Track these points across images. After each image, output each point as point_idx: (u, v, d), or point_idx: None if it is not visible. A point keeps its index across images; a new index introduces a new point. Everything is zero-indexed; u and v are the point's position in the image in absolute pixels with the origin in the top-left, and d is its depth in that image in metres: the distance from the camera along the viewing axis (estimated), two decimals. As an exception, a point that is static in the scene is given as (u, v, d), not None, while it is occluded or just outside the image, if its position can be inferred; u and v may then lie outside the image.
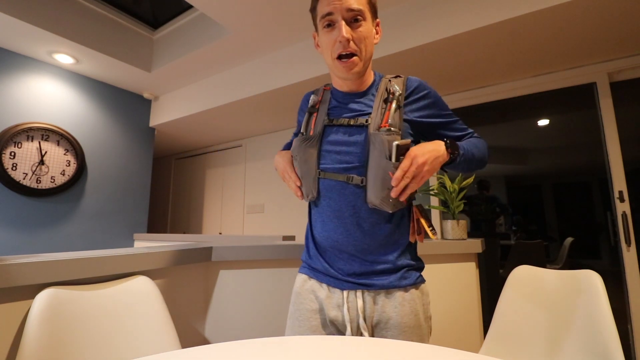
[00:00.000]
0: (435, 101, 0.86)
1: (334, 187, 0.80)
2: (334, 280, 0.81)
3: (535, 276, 1.10)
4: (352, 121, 0.81)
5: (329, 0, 0.76)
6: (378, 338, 0.71)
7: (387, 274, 0.79)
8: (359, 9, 0.76)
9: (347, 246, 0.79)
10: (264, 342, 0.62)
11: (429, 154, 0.72)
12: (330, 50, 0.79)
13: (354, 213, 0.79)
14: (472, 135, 0.91)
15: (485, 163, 0.89)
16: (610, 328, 0.82)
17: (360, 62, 0.79)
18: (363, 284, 0.78)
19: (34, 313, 0.74)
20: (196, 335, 1.22)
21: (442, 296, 1.49)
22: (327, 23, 0.78)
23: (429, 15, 1.94)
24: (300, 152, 0.84)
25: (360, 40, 0.77)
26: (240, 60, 2.75)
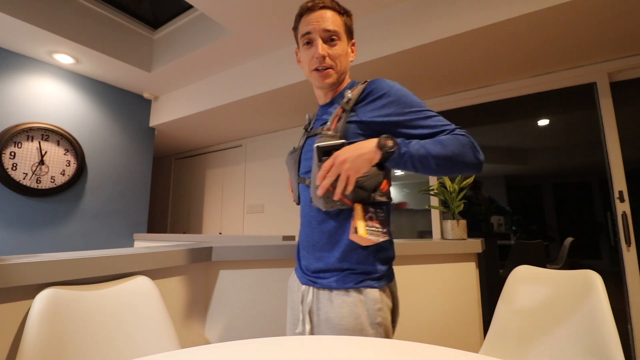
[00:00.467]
0: (395, 100, 0.82)
1: (302, 189, 0.92)
2: (300, 274, 0.92)
3: (535, 276, 1.10)
4: (314, 131, 0.91)
5: (309, 21, 0.86)
6: (378, 338, 0.71)
7: (328, 273, 0.82)
8: (335, 29, 0.85)
9: (305, 243, 0.90)
10: (264, 342, 0.62)
11: (350, 152, 0.73)
12: (308, 64, 0.88)
13: (308, 212, 0.89)
14: (451, 132, 0.79)
15: (469, 163, 0.78)
16: (610, 328, 0.82)
17: (335, 74, 0.88)
18: (312, 281, 0.86)
19: (34, 313, 0.73)
20: (196, 335, 1.22)
21: (442, 296, 1.49)
22: (307, 41, 0.87)
23: (428, 15, 1.94)
24: (287, 162, 1.00)
25: (335, 56, 0.86)
26: (240, 60, 2.75)
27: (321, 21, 0.84)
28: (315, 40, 0.85)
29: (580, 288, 0.95)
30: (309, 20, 0.86)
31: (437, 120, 0.81)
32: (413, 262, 1.47)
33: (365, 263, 0.81)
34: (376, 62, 2.15)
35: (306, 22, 0.86)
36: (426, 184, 2.73)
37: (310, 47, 0.86)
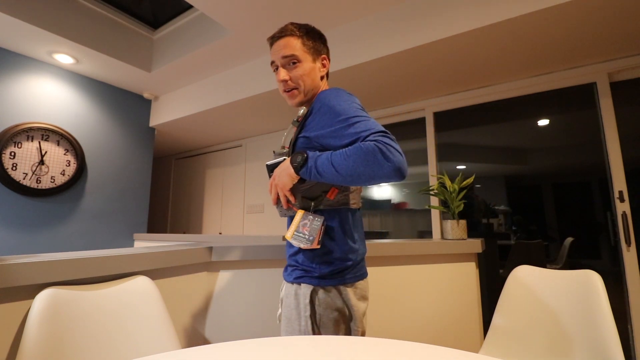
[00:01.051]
0: (327, 111, 0.84)
1: None
2: None
3: (535, 276, 1.10)
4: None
5: (272, 52, 0.97)
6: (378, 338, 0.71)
7: (287, 268, 0.97)
8: (292, 54, 0.93)
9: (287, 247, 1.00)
10: (263, 342, 0.62)
11: (279, 170, 0.88)
12: (279, 87, 0.98)
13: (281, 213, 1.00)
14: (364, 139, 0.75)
15: (372, 171, 0.72)
16: (610, 328, 0.82)
17: (300, 94, 0.96)
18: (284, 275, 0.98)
19: (34, 313, 0.73)
20: (196, 335, 1.22)
21: (442, 296, 1.49)
22: (274, 68, 0.97)
23: (428, 15, 1.94)
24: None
25: (297, 78, 0.94)
26: (240, 60, 2.75)
27: (280, 50, 0.94)
28: (278, 67, 0.95)
29: (580, 288, 0.95)
30: (273, 50, 0.96)
31: (357, 127, 0.78)
32: (413, 262, 1.47)
33: (308, 262, 0.90)
34: (376, 62, 2.15)
35: (271, 52, 0.97)
36: (426, 184, 2.73)
37: (277, 73, 0.96)
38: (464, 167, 2.85)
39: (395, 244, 1.43)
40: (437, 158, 2.69)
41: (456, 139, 2.78)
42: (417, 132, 2.81)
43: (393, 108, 2.91)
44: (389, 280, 1.43)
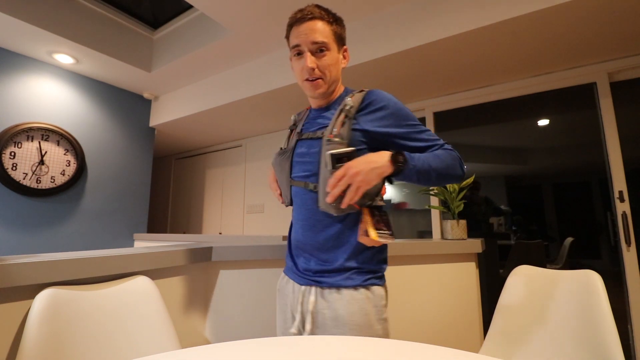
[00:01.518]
0: (393, 112, 0.87)
1: (298, 192, 0.92)
2: (296, 276, 0.91)
3: (535, 276, 1.10)
4: (312, 134, 0.91)
5: (298, 33, 0.88)
6: (377, 338, 0.71)
7: (335, 273, 0.85)
8: (323, 41, 0.86)
9: (306, 245, 0.90)
10: (264, 342, 0.62)
11: (364, 165, 0.76)
12: (300, 75, 0.90)
13: (310, 215, 0.89)
14: (441, 146, 0.87)
15: (458, 176, 0.86)
16: (610, 328, 0.82)
17: (325, 85, 0.89)
18: (316, 281, 0.86)
19: (34, 313, 0.73)
20: (196, 335, 1.22)
21: (442, 296, 1.49)
22: (297, 52, 0.89)
23: (428, 15, 1.94)
24: (276, 164, 0.98)
25: (324, 67, 0.87)
26: (240, 60, 2.75)
27: (309, 33, 0.86)
28: (305, 52, 0.87)
29: (580, 288, 0.95)
30: (299, 32, 0.87)
31: (429, 134, 0.88)
32: (413, 262, 1.47)
33: (369, 263, 0.87)
34: (376, 62, 2.15)
35: (296, 34, 0.88)
36: (426, 184, 2.73)
37: (300, 58, 0.88)
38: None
39: (395, 243, 1.43)
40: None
41: (456, 139, 2.78)
42: (417, 132, 2.80)
43: (393, 108, 2.90)
44: (388, 280, 1.43)
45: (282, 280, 0.98)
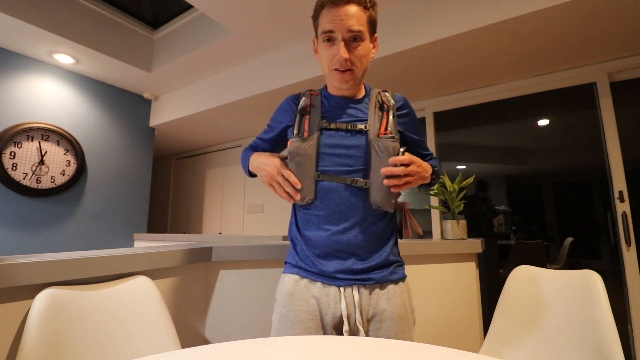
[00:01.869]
0: (414, 119, 0.96)
1: (335, 189, 0.83)
2: (329, 279, 0.83)
3: (535, 276, 1.10)
4: (349, 126, 0.85)
5: (332, 18, 0.79)
6: (377, 338, 0.71)
7: (380, 268, 0.85)
8: (359, 30, 0.79)
9: (346, 245, 0.83)
10: (264, 342, 0.62)
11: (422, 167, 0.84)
12: (328, 63, 0.83)
13: (354, 213, 0.83)
14: (432, 156, 1.03)
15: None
16: (610, 328, 0.82)
17: (354, 77, 0.84)
18: (360, 279, 0.82)
19: (34, 313, 0.73)
20: (196, 335, 1.22)
21: (442, 296, 1.49)
22: (328, 38, 0.81)
23: (428, 15, 1.94)
24: (299, 153, 0.84)
25: (358, 59, 0.82)
26: (240, 60, 2.75)
27: (345, 20, 0.78)
28: (338, 40, 0.79)
29: (580, 288, 0.95)
30: (333, 16, 0.78)
31: (426, 144, 1.02)
32: (413, 262, 1.47)
33: (399, 256, 0.92)
34: (376, 62, 2.15)
35: (329, 18, 0.79)
36: (426, 184, 2.73)
37: (331, 45, 0.81)
38: (464, 167, 2.85)
39: (395, 244, 1.43)
40: (437, 158, 2.69)
41: (456, 139, 2.78)
42: (417, 132, 2.80)
43: (393, 108, 2.90)
44: (389, 280, 1.43)
45: (295, 284, 0.85)
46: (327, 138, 0.84)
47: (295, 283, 0.85)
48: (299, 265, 0.87)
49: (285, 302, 0.84)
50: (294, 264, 0.89)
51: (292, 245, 0.92)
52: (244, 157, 1.01)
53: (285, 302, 0.84)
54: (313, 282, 0.84)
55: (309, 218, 0.87)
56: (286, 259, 0.94)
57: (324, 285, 0.83)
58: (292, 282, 0.85)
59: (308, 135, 0.85)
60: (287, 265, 0.92)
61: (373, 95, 0.91)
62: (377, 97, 0.90)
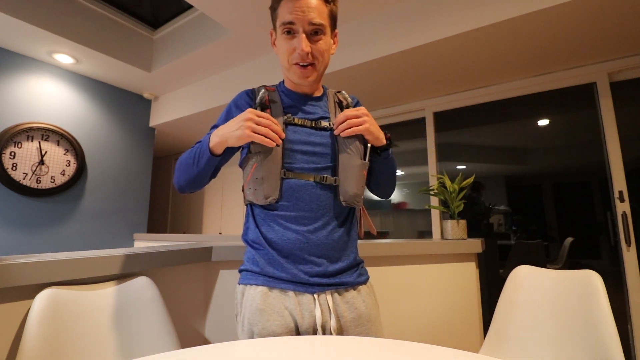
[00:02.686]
0: None
1: (303, 186, 0.78)
2: (302, 286, 0.76)
3: (535, 276, 1.10)
4: (314, 123, 0.83)
5: (292, 8, 0.75)
6: (378, 338, 0.71)
7: (351, 270, 0.82)
8: (321, 23, 0.76)
9: (317, 247, 0.77)
10: (264, 342, 0.62)
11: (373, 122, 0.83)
12: (287, 57, 0.80)
13: (325, 212, 0.79)
14: None
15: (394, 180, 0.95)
16: (610, 328, 0.82)
17: (316, 72, 0.81)
18: (333, 284, 0.77)
19: (34, 313, 0.73)
20: (196, 335, 1.22)
21: (442, 296, 1.49)
22: (287, 30, 0.77)
23: (428, 15, 1.94)
24: (263, 149, 0.76)
25: (319, 52, 0.79)
26: (240, 60, 2.75)
27: (307, 11, 0.74)
28: (299, 32, 0.76)
29: (580, 288, 0.95)
30: (294, 7, 0.75)
31: None
32: (413, 262, 1.47)
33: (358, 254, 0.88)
34: (376, 62, 2.15)
35: (289, 8, 0.75)
36: (426, 184, 2.73)
37: (291, 38, 0.77)
38: (464, 167, 2.85)
39: (395, 244, 1.43)
40: (437, 158, 2.69)
41: (456, 139, 2.78)
42: (417, 132, 2.81)
43: (393, 108, 2.91)
44: (388, 280, 1.43)
45: (265, 297, 0.75)
46: (292, 134, 0.80)
47: (264, 296, 0.75)
48: (265, 273, 0.77)
49: (256, 319, 0.73)
50: (257, 271, 0.78)
51: (252, 250, 0.82)
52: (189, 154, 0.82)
53: (255, 320, 0.74)
54: (284, 292, 0.75)
55: (272, 219, 0.79)
56: (242, 267, 0.83)
57: (296, 294, 0.75)
58: (261, 295, 0.75)
59: None
60: (247, 274, 0.80)
61: (330, 95, 0.92)
62: (334, 96, 0.92)
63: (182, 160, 0.84)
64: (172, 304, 1.13)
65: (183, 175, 0.83)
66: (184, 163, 0.82)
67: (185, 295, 1.19)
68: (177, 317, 1.15)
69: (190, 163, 0.80)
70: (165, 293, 1.11)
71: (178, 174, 0.84)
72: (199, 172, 0.80)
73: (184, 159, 0.83)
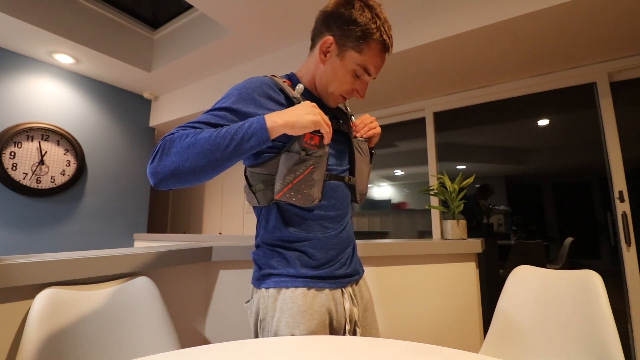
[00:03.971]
0: None
1: (338, 188, 0.83)
2: (335, 282, 0.79)
3: (535, 276, 1.10)
4: (338, 126, 0.88)
5: (377, 63, 0.79)
6: (378, 338, 0.71)
7: (358, 261, 0.92)
8: None
9: (344, 242, 0.84)
10: (264, 342, 0.62)
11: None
12: (341, 87, 0.80)
13: (348, 210, 0.88)
14: None
15: None
16: (610, 328, 0.82)
17: None
18: (354, 274, 0.85)
19: (34, 313, 0.73)
20: (196, 335, 1.22)
21: (442, 296, 1.49)
22: (359, 74, 0.79)
23: (428, 15, 1.94)
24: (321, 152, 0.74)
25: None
26: (240, 60, 2.75)
27: (381, 66, 0.81)
28: (364, 78, 0.80)
29: (580, 288, 0.95)
30: (378, 60, 0.78)
31: None
32: (413, 262, 1.47)
33: None
34: (376, 62, 2.14)
35: (375, 62, 0.78)
36: (426, 184, 2.73)
37: (357, 78, 0.80)
38: (464, 167, 2.85)
39: (395, 244, 1.43)
40: (437, 158, 2.69)
41: (456, 139, 2.78)
42: (417, 132, 2.81)
43: (393, 108, 2.91)
44: (388, 280, 1.43)
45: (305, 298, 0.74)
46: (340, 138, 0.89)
47: (304, 297, 0.74)
48: (304, 275, 0.76)
49: (298, 321, 0.72)
50: (294, 274, 0.76)
51: (282, 251, 0.78)
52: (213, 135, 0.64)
53: (298, 322, 0.72)
54: (321, 290, 0.76)
55: (311, 219, 0.78)
56: (269, 270, 0.78)
57: (331, 290, 0.77)
58: (302, 297, 0.74)
59: None
60: (280, 278, 0.76)
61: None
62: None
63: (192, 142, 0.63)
64: (172, 304, 1.13)
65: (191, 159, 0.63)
66: (201, 144, 0.63)
67: (185, 295, 1.19)
68: (177, 317, 1.15)
69: (219, 144, 0.63)
70: (165, 293, 1.11)
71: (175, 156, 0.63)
72: (226, 158, 0.65)
73: (203, 139, 0.63)
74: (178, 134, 0.66)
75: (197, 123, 0.69)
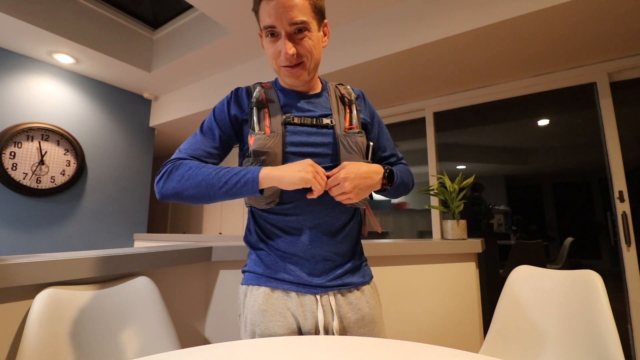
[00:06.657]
0: (374, 111, 0.93)
1: (304, 190, 0.74)
2: (305, 287, 0.76)
3: (535, 276, 1.10)
4: (315, 121, 0.79)
5: (270, 10, 0.70)
6: (378, 338, 0.71)
7: (355, 271, 0.82)
8: (302, 20, 0.71)
9: (322, 248, 0.77)
10: (264, 342, 0.62)
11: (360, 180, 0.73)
12: (275, 60, 0.76)
13: (329, 214, 0.78)
14: (400, 159, 0.97)
15: (409, 190, 0.93)
16: (610, 328, 0.82)
17: (306, 71, 0.77)
18: (337, 285, 0.77)
19: (34, 313, 0.73)
20: (196, 335, 1.22)
21: (442, 296, 1.49)
22: (270, 33, 0.74)
23: (428, 15, 1.94)
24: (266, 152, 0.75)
25: (306, 51, 0.75)
26: (240, 60, 2.75)
27: (285, 11, 0.70)
28: (281, 35, 0.72)
29: (580, 288, 0.95)
30: (271, 9, 0.70)
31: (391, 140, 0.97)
32: (413, 262, 1.47)
33: (363, 253, 0.89)
34: (376, 62, 2.14)
35: (267, 11, 0.71)
36: (426, 184, 2.73)
37: (275, 41, 0.74)
38: (464, 167, 2.86)
39: (395, 244, 1.43)
40: (437, 158, 2.69)
41: (456, 139, 2.78)
42: (417, 132, 2.81)
43: (393, 108, 2.91)
44: (388, 280, 1.43)
45: (267, 298, 0.75)
46: (292, 135, 0.77)
47: (266, 297, 0.75)
48: (268, 275, 0.78)
49: (258, 320, 0.73)
50: (260, 273, 0.79)
51: (254, 252, 0.83)
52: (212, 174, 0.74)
53: (257, 321, 0.73)
54: (286, 293, 0.75)
55: (274, 221, 0.79)
56: (245, 268, 0.84)
57: (298, 295, 0.75)
58: (263, 296, 0.75)
59: (270, 131, 0.76)
60: (250, 276, 0.81)
61: (331, 89, 0.87)
62: (336, 90, 0.87)
63: (192, 175, 0.73)
64: (172, 304, 1.13)
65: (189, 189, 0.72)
66: (199, 179, 0.72)
67: (185, 295, 1.19)
68: (177, 317, 1.15)
69: (213, 185, 0.72)
70: (165, 293, 1.11)
71: (177, 184, 0.73)
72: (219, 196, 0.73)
73: (202, 175, 0.73)
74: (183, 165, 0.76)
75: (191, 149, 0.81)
